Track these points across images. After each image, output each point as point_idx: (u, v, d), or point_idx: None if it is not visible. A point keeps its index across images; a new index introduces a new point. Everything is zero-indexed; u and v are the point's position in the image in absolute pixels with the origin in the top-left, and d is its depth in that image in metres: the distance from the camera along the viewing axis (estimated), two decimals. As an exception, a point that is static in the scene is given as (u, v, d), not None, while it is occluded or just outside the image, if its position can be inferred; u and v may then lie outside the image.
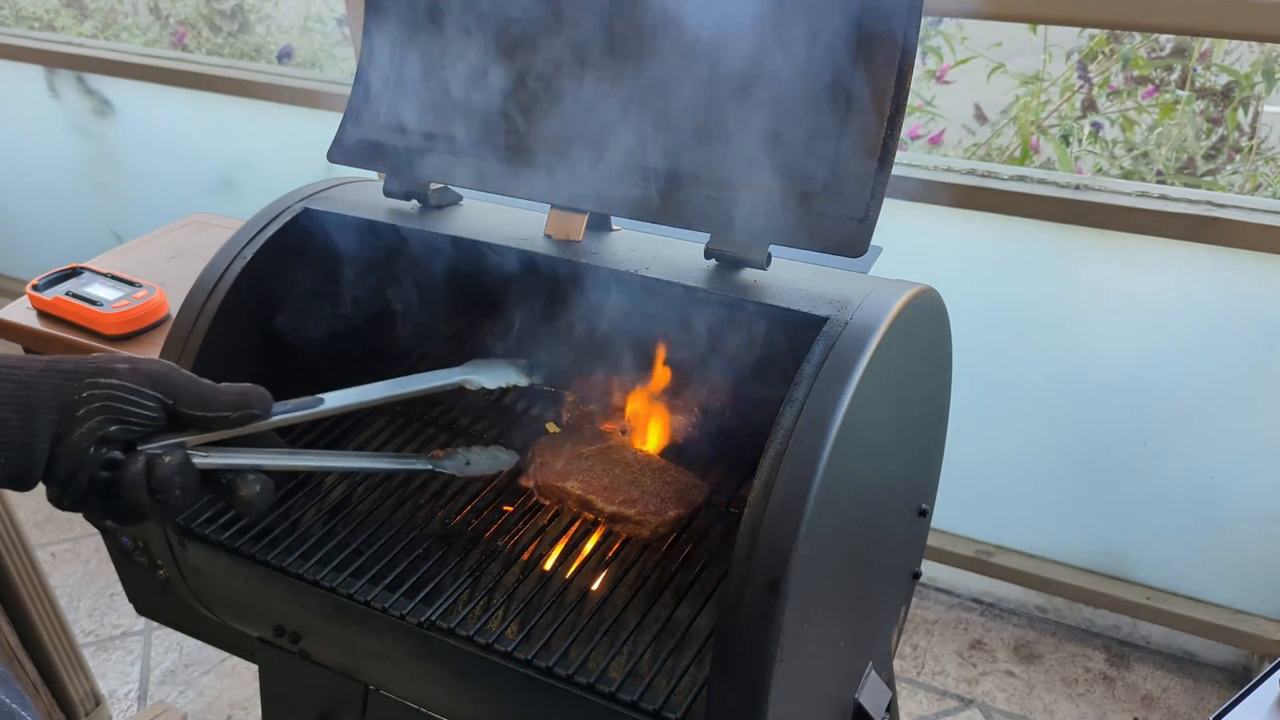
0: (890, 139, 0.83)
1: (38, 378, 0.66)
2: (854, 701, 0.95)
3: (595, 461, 1.01)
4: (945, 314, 0.96)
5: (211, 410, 0.71)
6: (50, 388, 0.66)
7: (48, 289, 1.39)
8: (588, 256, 0.95)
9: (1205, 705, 1.88)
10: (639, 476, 0.99)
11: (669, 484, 0.99)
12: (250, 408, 0.74)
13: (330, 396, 0.81)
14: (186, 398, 0.71)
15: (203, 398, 0.71)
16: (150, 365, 0.71)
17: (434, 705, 1.02)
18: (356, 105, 1.07)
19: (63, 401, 0.66)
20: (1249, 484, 1.74)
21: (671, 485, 0.99)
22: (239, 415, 0.73)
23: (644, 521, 0.95)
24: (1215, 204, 1.54)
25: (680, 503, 0.97)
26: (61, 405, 0.66)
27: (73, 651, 1.67)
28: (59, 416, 0.66)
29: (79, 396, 0.67)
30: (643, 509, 0.96)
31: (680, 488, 0.99)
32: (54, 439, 0.66)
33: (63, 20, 3.02)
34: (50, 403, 0.66)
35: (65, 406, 0.66)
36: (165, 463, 0.68)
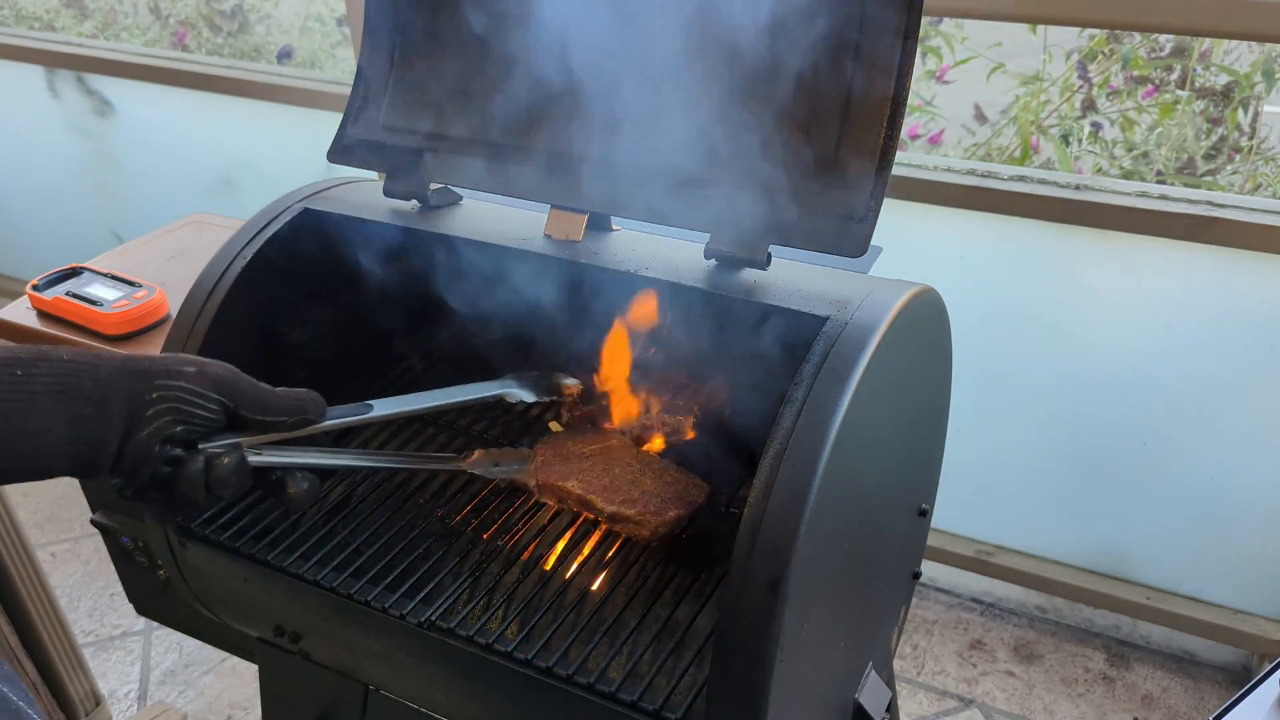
0: (890, 139, 0.83)
1: (114, 376, 0.69)
2: (854, 701, 0.95)
3: (595, 461, 1.01)
4: (945, 314, 0.96)
5: (270, 414, 0.75)
6: (124, 386, 0.69)
7: (48, 289, 1.39)
8: (588, 256, 0.95)
9: (1205, 705, 1.88)
10: (639, 477, 0.99)
11: (669, 484, 0.99)
12: (306, 413, 0.78)
13: (379, 403, 0.86)
14: (247, 401, 0.74)
15: (262, 402, 0.75)
16: (215, 369, 0.74)
17: (434, 705, 1.02)
18: (356, 105, 1.07)
19: (134, 400, 0.69)
20: (1249, 483, 1.74)
21: (672, 485, 0.99)
22: (295, 420, 0.77)
23: (644, 521, 0.95)
24: (1215, 204, 1.54)
25: (680, 503, 0.97)
26: (132, 404, 0.69)
27: (73, 651, 1.67)
28: (130, 414, 0.69)
29: (149, 397, 0.70)
30: (643, 509, 0.96)
31: (680, 488, 0.99)
32: (123, 435, 0.69)
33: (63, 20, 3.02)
34: (123, 401, 0.69)
35: (136, 406, 0.69)
36: (224, 463, 0.72)
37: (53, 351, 0.68)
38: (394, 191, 1.07)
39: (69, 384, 0.67)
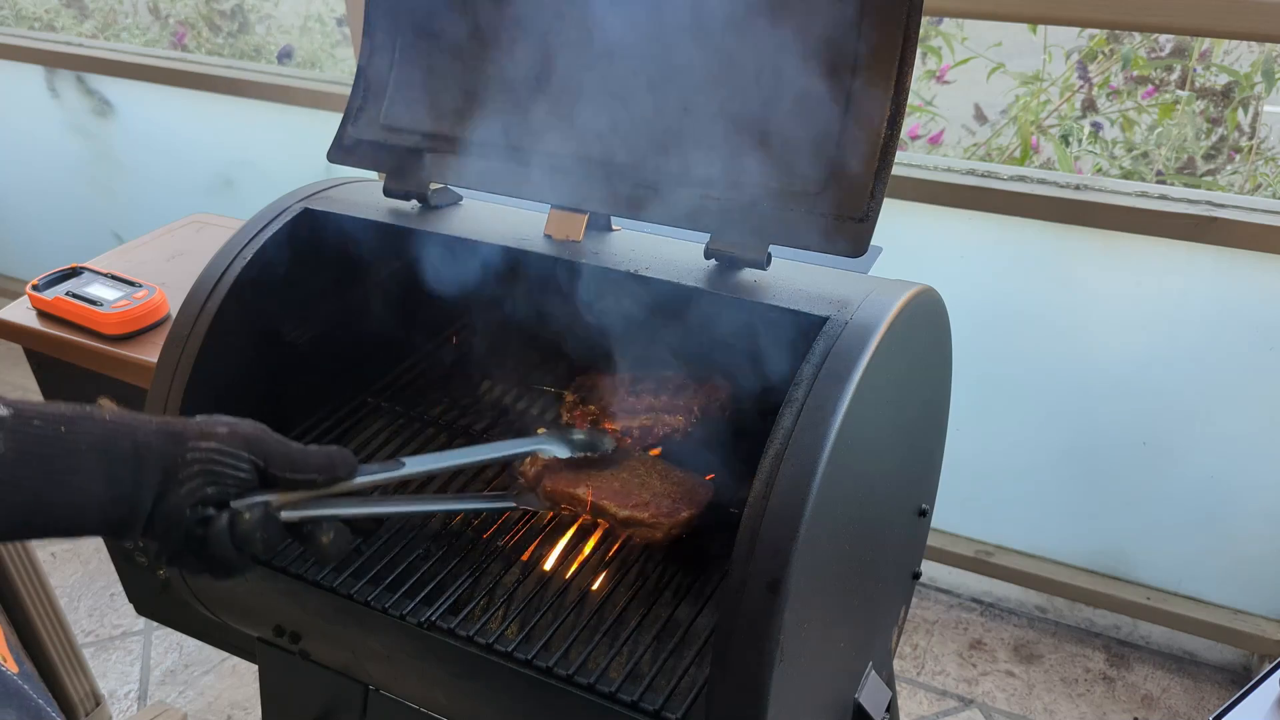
0: (890, 139, 0.83)
1: (151, 438, 0.69)
2: (854, 701, 0.95)
3: (600, 465, 1.01)
4: (945, 314, 0.96)
5: (300, 473, 0.75)
6: (160, 448, 0.70)
7: (48, 289, 1.39)
8: (588, 256, 0.95)
9: (1205, 705, 1.88)
10: (646, 479, 0.99)
11: (676, 484, 0.99)
12: (335, 471, 0.77)
13: (411, 461, 0.84)
14: (278, 460, 0.74)
15: (292, 460, 0.75)
16: (246, 428, 0.74)
17: (434, 705, 1.02)
18: (356, 105, 1.07)
19: (168, 463, 0.70)
20: (1249, 483, 1.74)
21: (679, 485, 0.99)
22: (325, 478, 0.76)
23: (657, 524, 0.94)
24: (1215, 204, 1.54)
25: (690, 503, 0.97)
26: (166, 466, 0.70)
27: (73, 651, 1.67)
28: (163, 476, 0.69)
29: (183, 458, 0.70)
30: (655, 511, 0.95)
31: (687, 488, 0.99)
32: (157, 497, 0.69)
33: (63, 20, 3.02)
34: (158, 462, 0.69)
35: (170, 468, 0.70)
36: (247, 518, 0.71)
37: (95, 411, 0.69)
38: (394, 191, 1.07)
39: (109, 444, 0.67)
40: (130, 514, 0.68)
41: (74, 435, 0.66)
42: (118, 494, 0.67)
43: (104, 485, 0.67)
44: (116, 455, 0.67)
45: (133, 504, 0.68)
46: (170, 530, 0.70)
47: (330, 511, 0.76)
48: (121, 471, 0.67)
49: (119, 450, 0.68)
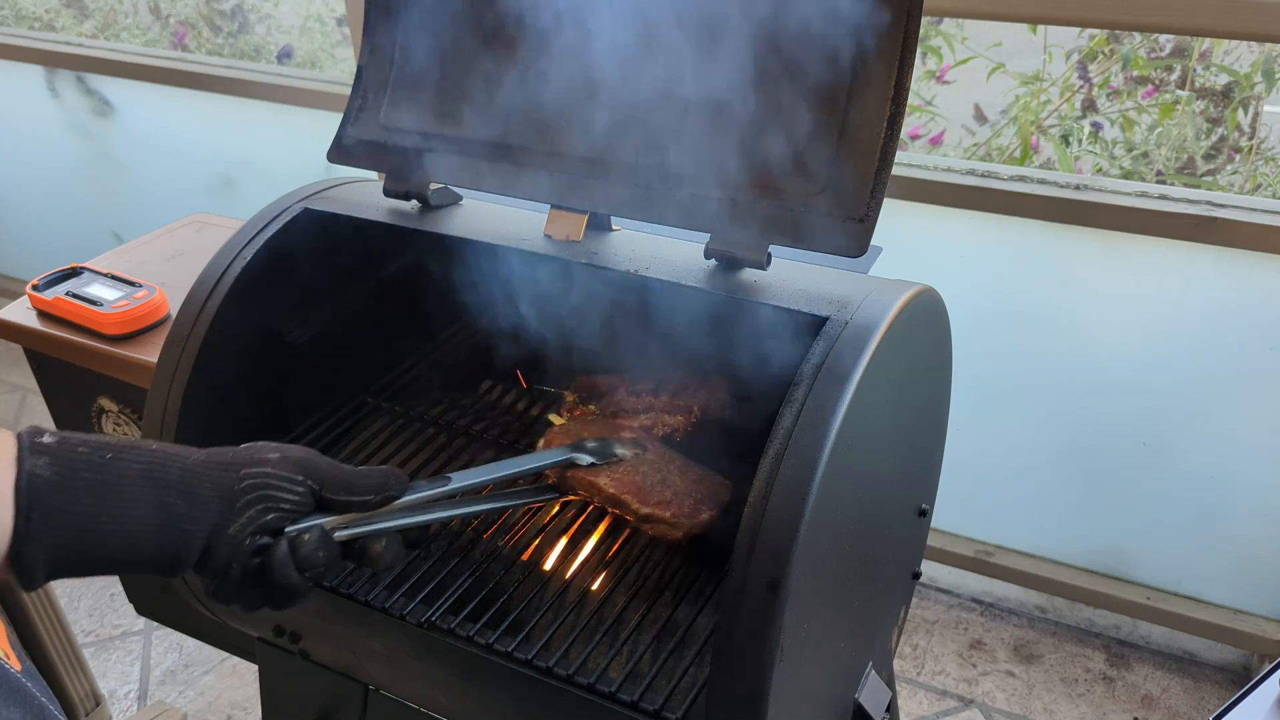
0: (890, 139, 0.83)
1: (200, 467, 0.68)
2: (854, 701, 0.95)
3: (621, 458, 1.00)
4: (945, 314, 0.96)
5: (355, 495, 0.74)
6: (211, 476, 0.68)
7: (48, 289, 1.39)
8: (588, 257, 0.95)
9: (1205, 705, 1.88)
10: (667, 475, 0.98)
11: (696, 483, 0.98)
12: (389, 490, 0.76)
13: (456, 476, 0.85)
14: (332, 483, 0.73)
15: (346, 483, 0.74)
16: (296, 453, 0.74)
17: (434, 705, 1.02)
18: (356, 105, 1.07)
19: (223, 491, 0.68)
20: (1249, 483, 1.74)
21: (699, 484, 0.98)
22: (380, 499, 0.76)
23: (678, 524, 0.93)
24: (1215, 204, 1.54)
25: (711, 503, 0.96)
26: (222, 495, 0.68)
27: (73, 651, 1.67)
28: (220, 506, 0.68)
29: (238, 487, 0.69)
30: (677, 510, 0.94)
31: (708, 487, 0.98)
32: (212, 529, 0.67)
33: (63, 20, 3.02)
34: (212, 492, 0.68)
35: (226, 496, 0.68)
36: (306, 541, 0.71)
37: (140, 441, 0.68)
38: (394, 191, 1.07)
39: (159, 471, 0.66)
40: (183, 544, 0.66)
41: (121, 461, 0.65)
42: (169, 521, 0.66)
43: (154, 511, 0.65)
44: (166, 482, 0.66)
45: (185, 534, 0.66)
46: (230, 560, 0.69)
47: (383, 525, 0.76)
48: (172, 498, 0.66)
49: (169, 477, 0.66)
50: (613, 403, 1.09)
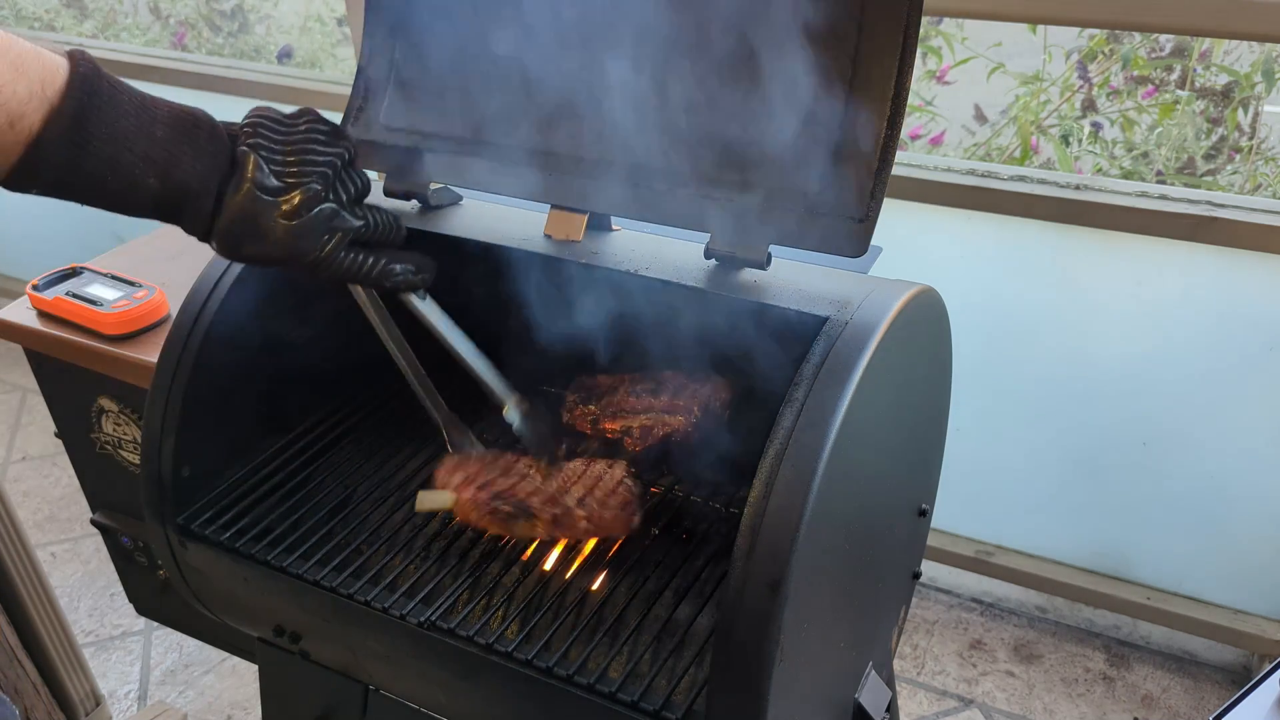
0: (890, 139, 0.83)
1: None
2: (854, 701, 0.95)
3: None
4: (945, 314, 0.96)
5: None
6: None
7: (48, 289, 1.39)
8: (588, 256, 0.95)
9: (1205, 705, 1.88)
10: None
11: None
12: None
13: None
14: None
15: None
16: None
17: (434, 705, 1.02)
18: (356, 105, 1.07)
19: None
20: (1249, 484, 1.74)
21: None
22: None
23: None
24: (1215, 204, 1.54)
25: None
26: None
27: (73, 651, 1.67)
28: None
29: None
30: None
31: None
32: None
33: (63, 20, 3.02)
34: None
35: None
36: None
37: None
38: (394, 191, 1.07)
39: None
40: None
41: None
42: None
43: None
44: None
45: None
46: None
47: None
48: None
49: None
50: (613, 403, 1.09)
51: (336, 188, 0.82)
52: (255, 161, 0.77)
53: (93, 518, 1.53)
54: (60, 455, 2.52)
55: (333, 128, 0.83)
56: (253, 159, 0.77)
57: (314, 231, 0.80)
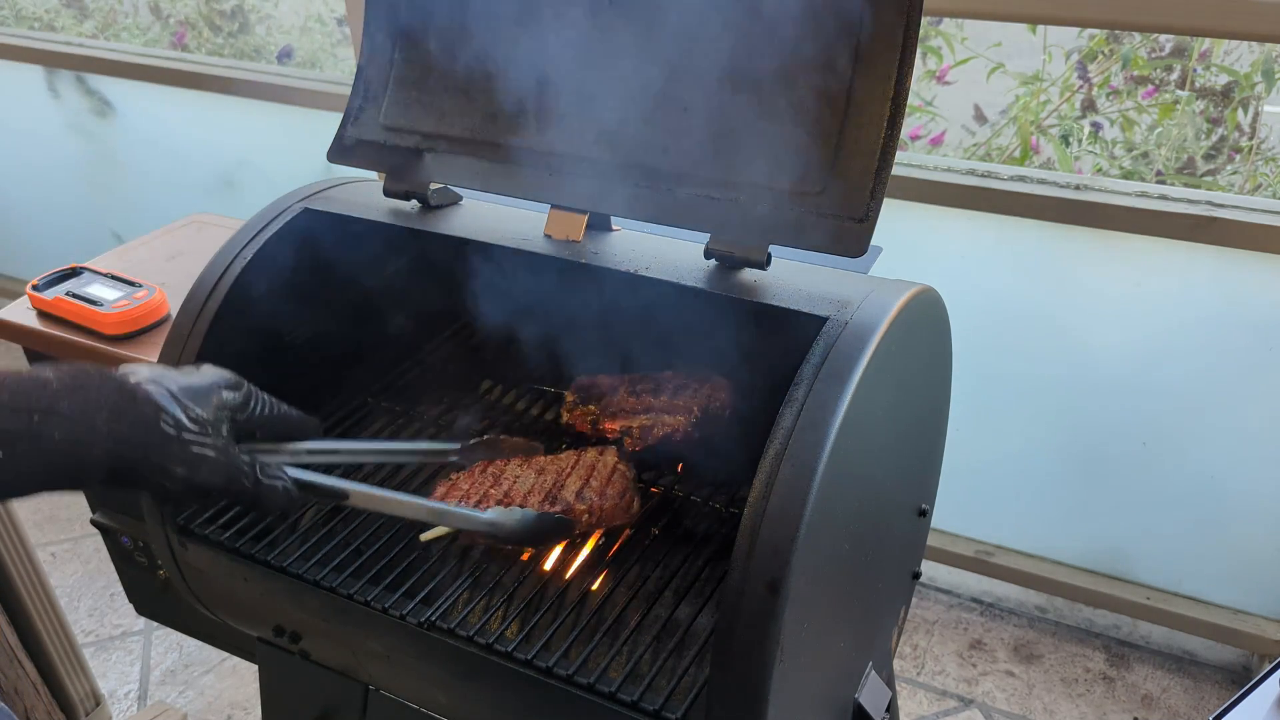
0: (890, 139, 0.83)
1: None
2: (854, 701, 0.95)
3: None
4: (945, 314, 0.96)
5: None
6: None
7: (48, 289, 1.39)
8: (588, 256, 0.95)
9: (1205, 705, 1.88)
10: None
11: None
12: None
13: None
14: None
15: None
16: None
17: (434, 705, 1.02)
18: (356, 105, 1.07)
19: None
20: (1249, 484, 1.74)
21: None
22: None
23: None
24: (1215, 204, 1.54)
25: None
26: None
27: (73, 651, 1.67)
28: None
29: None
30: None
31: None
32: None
33: (63, 20, 3.02)
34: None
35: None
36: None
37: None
38: (394, 191, 1.07)
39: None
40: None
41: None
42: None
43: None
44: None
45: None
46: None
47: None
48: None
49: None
50: (613, 403, 1.09)
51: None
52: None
53: (93, 518, 1.52)
54: (60, 455, 2.52)
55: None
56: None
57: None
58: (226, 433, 0.76)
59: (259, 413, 0.81)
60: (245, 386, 0.81)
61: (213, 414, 0.76)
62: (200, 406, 0.75)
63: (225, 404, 0.78)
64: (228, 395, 0.78)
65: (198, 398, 0.75)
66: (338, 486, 0.83)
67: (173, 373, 0.77)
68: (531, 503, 0.96)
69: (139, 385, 0.72)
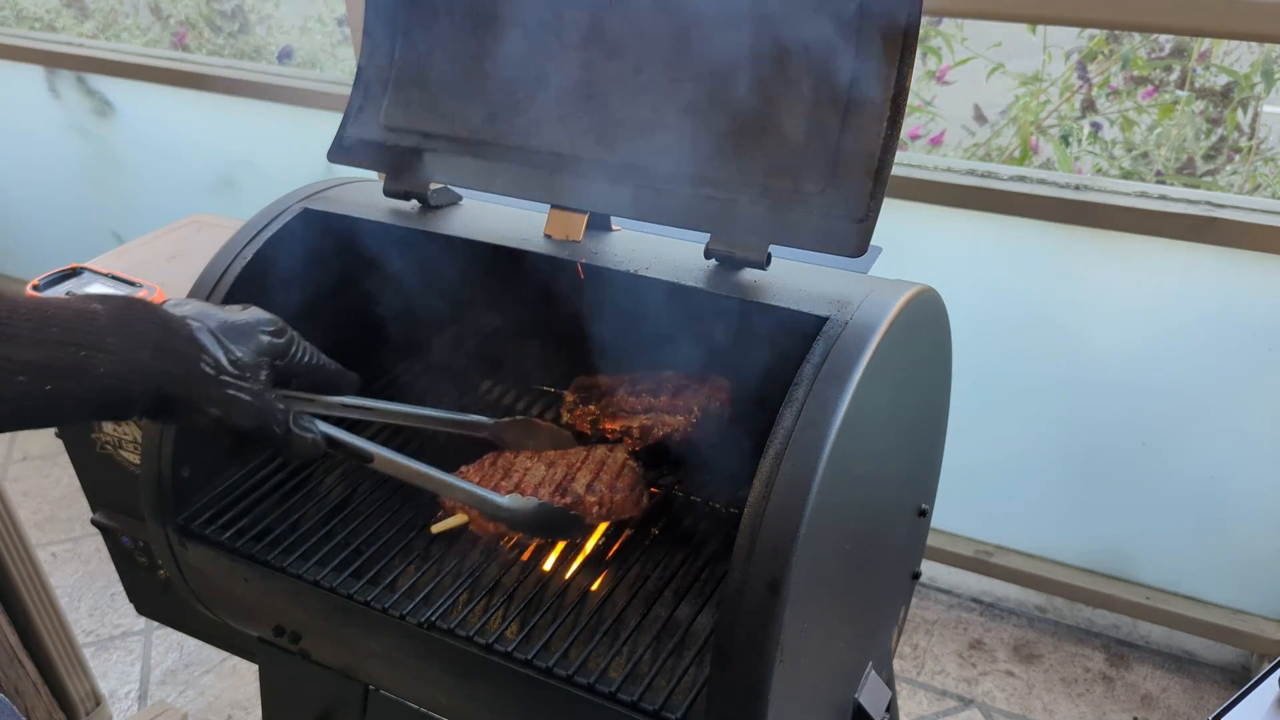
0: (890, 139, 0.83)
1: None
2: (854, 701, 0.95)
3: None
4: (945, 314, 0.96)
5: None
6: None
7: (48, 289, 1.39)
8: (587, 256, 0.95)
9: (1205, 705, 1.88)
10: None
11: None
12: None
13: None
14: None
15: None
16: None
17: (434, 705, 1.02)
18: (356, 105, 1.07)
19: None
20: (1249, 484, 1.74)
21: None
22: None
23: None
24: (1215, 204, 1.54)
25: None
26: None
27: (73, 651, 1.67)
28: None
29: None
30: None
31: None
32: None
33: (63, 20, 3.02)
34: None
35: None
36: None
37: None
38: (394, 191, 1.07)
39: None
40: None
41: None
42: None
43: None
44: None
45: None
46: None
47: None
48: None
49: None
50: (613, 403, 1.09)
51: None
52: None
53: (93, 518, 1.52)
54: (60, 455, 2.53)
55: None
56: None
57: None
58: (264, 378, 0.78)
59: (299, 360, 0.82)
60: (288, 333, 0.82)
61: (253, 357, 0.77)
62: (241, 348, 0.76)
63: (265, 349, 0.79)
64: (270, 340, 0.79)
65: (240, 338, 0.77)
66: (364, 448, 0.85)
67: (218, 310, 0.78)
68: (542, 494, 0.96)
69: (184, 323, 0.74)
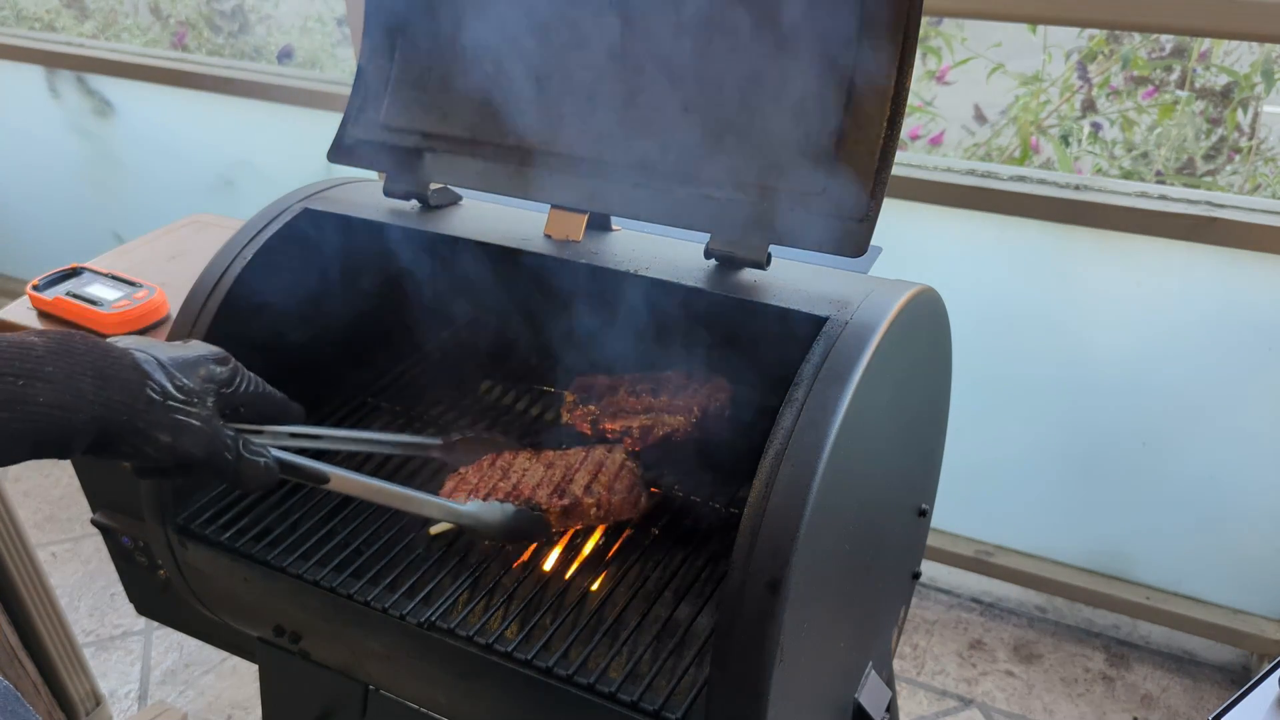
0: (890, 139, 0.83)
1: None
2: (854, 701, 0.95)
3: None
4: (945, 314, 0.96)
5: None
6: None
7: (48, 289, 1.39)
8: (587, 257, 0.95)
9: (1205, 705, 1.88)
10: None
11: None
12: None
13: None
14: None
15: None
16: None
17: (434, 705, 1.02)
18: (356, 105, 1.07)
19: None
20: (1249, 483, 1.74)
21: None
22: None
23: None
24: (1215, 204, 1.54)
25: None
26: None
27: (73, 651, 1.67)
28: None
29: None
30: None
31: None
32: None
33: (63, 20, 3.02)
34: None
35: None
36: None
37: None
38: (394, 191, 1.07)
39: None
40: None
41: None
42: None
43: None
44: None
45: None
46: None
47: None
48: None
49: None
50: (613, 403, 1.09)
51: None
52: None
53: (93, 518, 1.52)
54: (60, 455, 2.52)
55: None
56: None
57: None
58: (211, 405, 0.76)
59: (244, 389, 0.80)
60: (232, 362, 0.80)
61: (199, 384, 0.75)
62: (186, 377, 0.75)
63: (212, 377, 0.77)
64: (215, 369, 0.78)
65: (184, 368, 0.75)
66: (319, 469, 0.83)
67: (160, 344, 0.77)
68: (540, 495, 0.96)
69: (126, 351, 0.72)
